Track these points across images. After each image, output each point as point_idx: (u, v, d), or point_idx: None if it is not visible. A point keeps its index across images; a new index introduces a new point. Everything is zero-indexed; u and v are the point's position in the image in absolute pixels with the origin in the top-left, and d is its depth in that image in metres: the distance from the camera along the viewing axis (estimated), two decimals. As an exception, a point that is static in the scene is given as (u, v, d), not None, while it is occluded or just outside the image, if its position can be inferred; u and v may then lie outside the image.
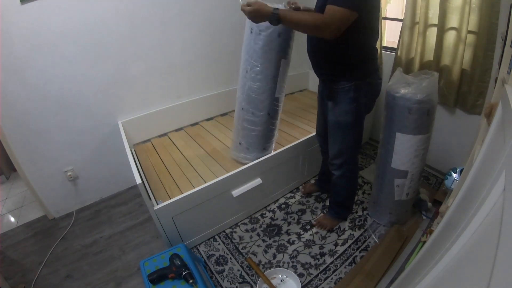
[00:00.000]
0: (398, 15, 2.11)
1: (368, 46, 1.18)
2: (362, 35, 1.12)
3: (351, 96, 1.21)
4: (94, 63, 1.70)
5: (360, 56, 1.18)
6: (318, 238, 1.57)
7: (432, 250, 0.82)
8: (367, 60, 1.20)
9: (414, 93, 1.24)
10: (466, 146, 1.63)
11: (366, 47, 1.18)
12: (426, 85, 1.23)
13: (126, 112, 1.95)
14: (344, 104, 1.24)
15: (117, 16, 1.68)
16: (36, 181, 1.78)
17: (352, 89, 1.20)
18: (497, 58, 1.34)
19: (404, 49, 1.79)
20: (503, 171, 0.53)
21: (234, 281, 1.39)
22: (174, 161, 1.80)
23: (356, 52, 1.16)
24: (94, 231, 1.79)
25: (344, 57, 1.16)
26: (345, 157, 1.39)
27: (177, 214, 1.41)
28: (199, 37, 2.03)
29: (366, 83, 1.21)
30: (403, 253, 1.43)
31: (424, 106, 1.24)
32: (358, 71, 1.19)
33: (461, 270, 0.57)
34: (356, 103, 1.23)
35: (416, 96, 1.23)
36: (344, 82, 1.20)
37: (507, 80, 0.83)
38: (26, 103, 1.59)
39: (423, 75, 1.30)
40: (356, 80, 1.19)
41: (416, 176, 1.42)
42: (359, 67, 1.18)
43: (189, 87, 2.15)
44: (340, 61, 1.18)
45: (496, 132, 0.74)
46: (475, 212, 0.58)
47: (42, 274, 1.53)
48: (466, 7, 1.41)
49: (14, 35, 1.45)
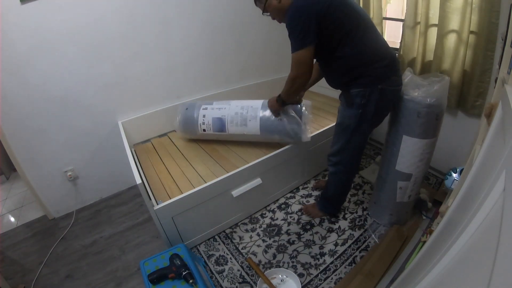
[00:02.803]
0: (399, 15, 2.11)
1: (362, 53, 1.17)
2: (348, 48, 1.15)
3: (358, 102, 1.22)
4: (94, 63, 1.71)
5: (358, 65, 1.18)
6: (318, 238, 1.57)
7: (432, 250, 0.82)
8: (369, 66, 1.18)
9: (424, 96, 1.20)
10: (466, 146, 1.63)
11: (360, 55, 1.17)
12: (437, 89, 1.19)
13: (126, 112, 1.95)
14: (350, 108, 1.27)
15: (117, 16, 1.68)
16: (36, 181, 1.78)
17: (361, 95, 1.21)
18: (497, 58, 1.34)
19: (406, 49, 1.79)
20: (503, 171, 0.53)
21: (234, 281, 1.39)
22: (174, 161, 1.80)
23: (352, 62, 1.19)
24: (94, 231, 1.79)
25: (344, 71, 1.23)
26: (341, 158, 1.41)
27: (177, 214, 1.40)
28: (199, 37, 2.03)
29: (376, 89, 1.19)
30: (403, 253, 1.43)
31: (433, 110, 1.21)
32: (365, 78, 1.19)
33: (461, 270, 0.57)
34: (363, 110, 1.23)
35: (426, 100, 1.19)
36: (354, 89, 1.23)
37: (507, 80, 0.83)
38: (26, 103, 1.60)
39: (433, 77, 1.26)
40: (364, 86, 1.20)
41: (419, 179, 1.42)
42: (363, 74, 1.18)
43: (189, 87, 2.15)
44: (344, 74, 1.24)
45: (496, 132, 0.74)
46: (475, 212, 0.58)
47: (42, 274, 1.53)
48: (467, 8, 1.41)
49: (14, 35, 1.45)
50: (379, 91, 1.19)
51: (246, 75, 2.39)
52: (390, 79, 1.21)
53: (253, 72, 2.43)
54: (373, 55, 1.18)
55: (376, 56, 1.18)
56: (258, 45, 2.35)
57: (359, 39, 1.15)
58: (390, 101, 1.28)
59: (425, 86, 1.23)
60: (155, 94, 2.02)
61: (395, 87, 1.24)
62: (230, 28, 2.13)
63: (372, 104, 1.22)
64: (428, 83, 1.24)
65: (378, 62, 1.18)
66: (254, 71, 2.42)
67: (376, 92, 1.19)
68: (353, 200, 1.81)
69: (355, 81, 1.21)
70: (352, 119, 1.27)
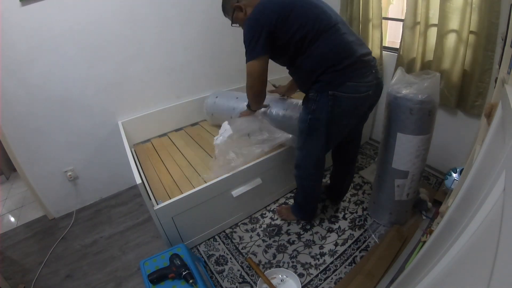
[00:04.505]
0: (399, 15, 2.11)
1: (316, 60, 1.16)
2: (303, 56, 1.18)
3: (310, 107, 1.23)
4: (94, 63, 1.71)
5: (312, 72, 1.18)
6: (318, 238, 1.57)
7: (432, 250, 0.82)
8: (323, 72, 1.15)
9: (415, 93, 1.22)
10: (466, 146, 1.63)
11: (315, 62, 1.16)
12: (427, 85, 1.22)
13: (126, 112, 1.95)
14: (303, 112, 1.29)
15: (117, 16, 1.68)
16: (36, 181, 1.78)
17: (312, 100, 1.21)
18: (497, 58, 1.34)
19: (405, 49, 1.79)
20: (503, 171, 0.53)
21: (234, 281, 1.39)
22: (174, 161, 1.80)
23: (308, 69, 1.20)
24: (94, 231, 1.79)
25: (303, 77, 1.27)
26: (298, 162, 1.41)
27: (177, 214, 1.40)
28: (199, 37, 2.03)
29: (326, 95, 1.15)
30: (403, 253, 1.43)
31: (425, 106, 1.23)
32: (318, 83, 1.19)
33: (461, 270, 0.57)
34: (312, 115, 1.22)
35: (417, 97, 1.21)
36: (309, 93, 1.24)
37: (507, 80, 0.83)
38: (26, 103, 1.60)
39: (424, 75, 1.28)
40: (316, 92, 1.20)
41: (417, 177, 1.42)
42: (318, 79, 1.18)
43: (189, 87, 2.15)
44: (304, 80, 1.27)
45: (496, 132, 0.74)
46: (475, 212, 0.58)
47: (42, 274, 1.53)
48: (467, 8, 1.41)
49: (14, 35, 1.45)
50: (330, 97, 1.15)
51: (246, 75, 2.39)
52: (345, 85, 1.14)
53: (253, 72, 2.42)
54: (326, 60, 1.14)
55: (330, 61, 1.14)
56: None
57: (313, 47, 1.14)
58: (350, 109, 1.21)
59: (416, 83, 1.25)
60: (155, 94, 2.02)
61: (353, 94, 1.16)
62: (230, 28, 2.11)
63: (323, 110, 1.18)
64: (419, 81, 1.26)
65: (332, 67, 1.14)
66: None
67: (327, 98, 1.16)
68: (353, 200, 1.81)
69: (312, 85, 1.21)
70: (303, 123, 1.27)
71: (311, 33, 1.12)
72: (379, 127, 1.46)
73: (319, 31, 1.13)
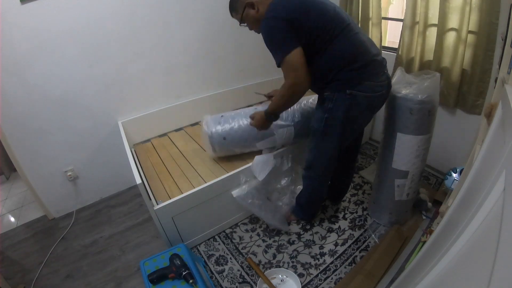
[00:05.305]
0: (399, 15, 2.11)
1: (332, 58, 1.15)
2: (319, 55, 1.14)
3: (326, 106, 1.21)
4: (94, 63, 1.70)
5: (329, 70, 1.16)
6: (318, 238, 1.57)
7: (432, 250, 0.82)
8: (340, 71, 1.15)
9: (415, 93, 1.22)
10: (466, 146, 1.63)
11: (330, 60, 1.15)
12: (428, 85, 1.22)
13: (126, 112, 1.95)
14: (319, 111, 1.27)
15: (117, 16, 1.68)
16: (36, 181, 1.78)
17: (328, 99, 1.20)
18: (497, 58, 1.34)
19: (404, 49, 1.79)
20: (503, 171, 0.53)
21: (234, 281, 1.39)
22: (174, 161, 1.80)
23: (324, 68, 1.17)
24: (94, 231, 1.79)
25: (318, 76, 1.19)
26: (311, 162, 1.40)
27: (177, 214, 1.41)
28: (199, 37, 2.03)
29: (344, 94, 1.15)
30: (403, 253, 1.43)
31: (425, 106, 1.23)
32: (335, 82, 1.17)
33: (461, 270, 0.57)
34: (329, 114, 1.21)
35: (417, 97, 1.21)
36: (325, 93, 1.22)
37: (507, 80, 0.83)
38: (26, 103, 1.59)
39: (424, 75, 1.29)
40: (333, 91, 1.19)
41: (417, 177, 1.42)
42: (334, 79, 1.17)
43: (189, 87, 2.15)
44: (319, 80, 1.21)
45: (496, 132, 0.74)
46: (475, 212, 0.58)
47: (42, 274, 1.53)
48: (466, 7, 1.41)
49: (14, 35, 1.45)
50: (348, 96, 1.15)
51: (246, 75, 2.39)
52: (362, 84, 1.14)
53: (254, 72, 2.42)
54: (343, 60, 1.14)
55: (346, 60, 1.13)
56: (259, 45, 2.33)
57: (330, 46, 1.13)
58: (366, 108, 1.22)
59: (416, 83, 1.25)
60: (155, 94, 2.02)
61: (370, 93, 1.17)
62: (231, 28, 2.12)
63: (340, 109, 1.18)
64: (419, 80, 1.26)
65: (348, 66, 1.13)
66: (255, 71, 2.42)
67: (344, 97, 1.16)
68: (353, 200, 1.81)
69: (327, 85, 1.20)
70: (319, 122, 1.26)
71: (328, 32, 1.12)
72: (379, 127, 1.46)
73: (336, 31, 1.13)
